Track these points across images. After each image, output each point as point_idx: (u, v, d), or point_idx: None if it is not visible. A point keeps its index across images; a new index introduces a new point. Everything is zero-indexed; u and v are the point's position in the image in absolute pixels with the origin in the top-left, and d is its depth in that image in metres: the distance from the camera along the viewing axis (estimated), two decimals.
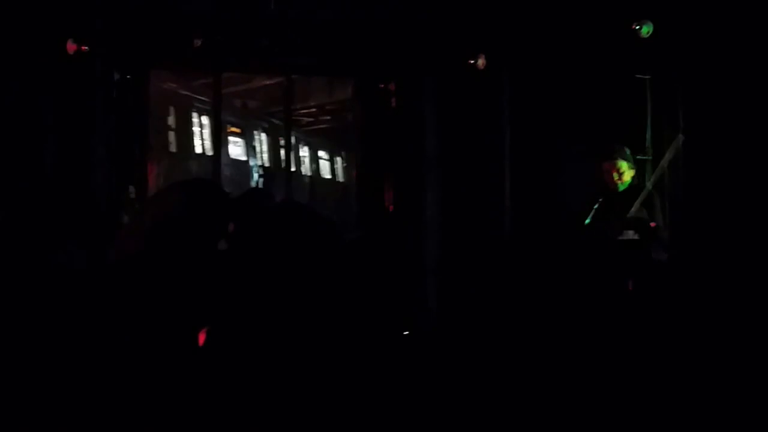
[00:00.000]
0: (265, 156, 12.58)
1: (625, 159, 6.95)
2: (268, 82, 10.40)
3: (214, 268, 6.24)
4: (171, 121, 11.43)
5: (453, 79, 8.50)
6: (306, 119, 11.65)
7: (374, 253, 8.65)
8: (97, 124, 7.84)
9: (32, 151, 7.52)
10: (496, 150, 8.48)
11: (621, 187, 6.94)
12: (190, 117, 11.72)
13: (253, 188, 11.10)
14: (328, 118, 11.73)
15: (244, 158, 12.58)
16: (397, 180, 9.09)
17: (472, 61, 8.14)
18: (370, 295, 8.02)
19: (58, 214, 7.38)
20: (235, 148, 12.45)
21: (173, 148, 11.50)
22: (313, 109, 11.59)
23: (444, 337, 8.24)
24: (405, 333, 6.94)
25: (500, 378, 6.87)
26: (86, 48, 7.39)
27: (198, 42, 7.87)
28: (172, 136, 11.47)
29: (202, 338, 6.15)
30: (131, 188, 8.39)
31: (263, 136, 12.27)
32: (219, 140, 9.41)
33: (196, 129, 11.80)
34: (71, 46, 7.35)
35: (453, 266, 8.75)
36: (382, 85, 9.06)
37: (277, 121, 11.82)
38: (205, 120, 11.76)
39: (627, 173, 6.96)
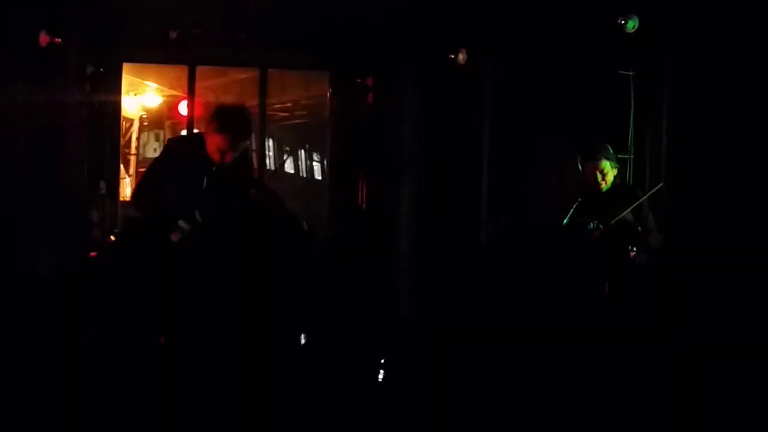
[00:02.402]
0: None
1: (608, 158, 6.87)
2: (243, 76, 10.30)
3: (178, 267, 6.15)
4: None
5: (433, 74, 8.41)
6: (281, 114, 11.54)
7: (346, 253, 8.58)
8: (69, 118, 7.68)
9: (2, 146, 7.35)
10: (475, 147, 8.40)
11: (605, 188, 6.87)
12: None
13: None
14: (304, 113, 11.63)
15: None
16: (373, 177, 9.00)
17: (452, 56, 8.05)
18: (341, 294, 7.94)
19: (28, 212, 7.24)
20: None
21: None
22: (288, 104, 11.50)
23: (418, 337, 8.16)
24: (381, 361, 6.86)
25: (477, 379, 6.80)
26: (59, 40, 7.22)
27: (173, 34, 7.76)
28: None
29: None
30: (102, 183, 8.27)
31: None
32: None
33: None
34: (44, 38, 7.17)
35: (428, 266, 8.68)
36: (359, 80, 8.96)
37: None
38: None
39: (610, 173, 6.88)
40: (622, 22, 6.84)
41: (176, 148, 6.38)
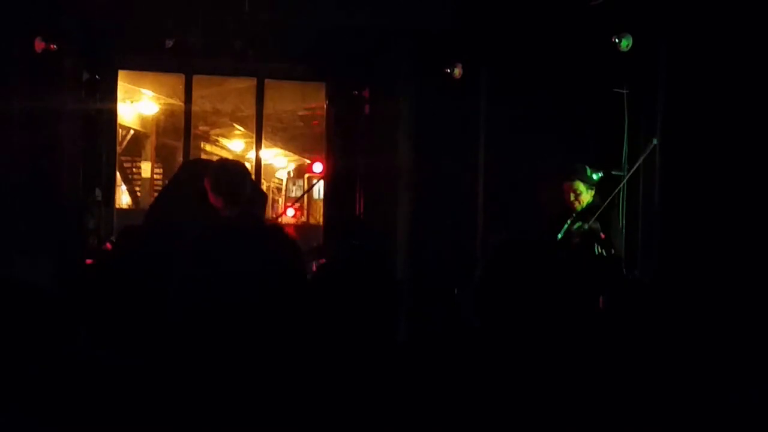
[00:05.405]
0: None
1: (583, 180, 6.89)
2: (240, 86, 10.31)
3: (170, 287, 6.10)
4: None
5: (429, 87, 8.41)
6: (277, 124, 11.55)
7: (342, 266, 8.50)
8: (65, 125, 7.68)
9: None
10: (471, 160, 8.39)
11: (579, 208, 6.90)
12: None
13: None
14: (301, 124, 11.64)
15: None
16: (370, 189, 8.98)
17: (448, 70, 8.04)
18: (335, 310, 7.89)
19: (23, 219, 7.21)
20: None
21: None
22: (285, 115, 11.51)
23: (414, 352, 8.13)
24: None
25: (468, 403, 6.76)
26: (55, 47, 7.20)
27: (170, 43, 7.75)
28: None
29: None
30: (97, 191, 8.26)
31: None
32: (189, 141, 9.23)
33: None
34: (39, 44, 7.15)
35: (425, 279, 8.65)
36: (356, 92, 8.96)
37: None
38: None
39: (584, 194, 6.90)
40: (616, 40, 6.83)
41: (190, 172, 6.30)
